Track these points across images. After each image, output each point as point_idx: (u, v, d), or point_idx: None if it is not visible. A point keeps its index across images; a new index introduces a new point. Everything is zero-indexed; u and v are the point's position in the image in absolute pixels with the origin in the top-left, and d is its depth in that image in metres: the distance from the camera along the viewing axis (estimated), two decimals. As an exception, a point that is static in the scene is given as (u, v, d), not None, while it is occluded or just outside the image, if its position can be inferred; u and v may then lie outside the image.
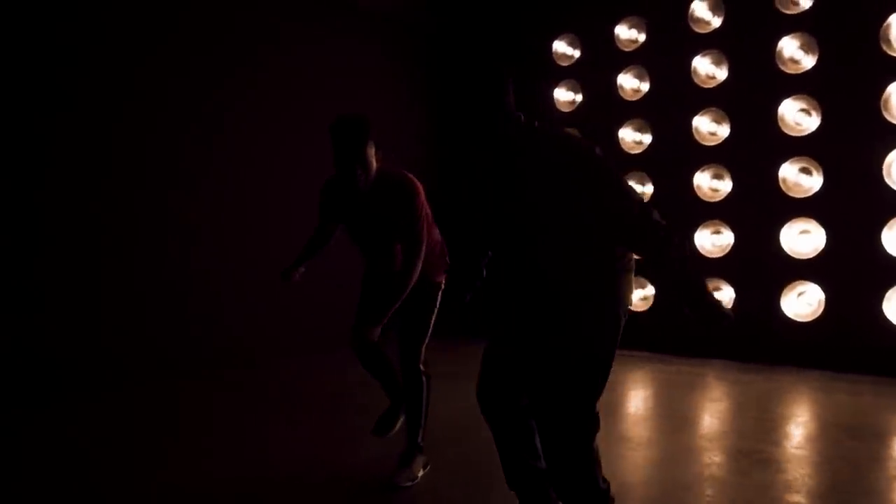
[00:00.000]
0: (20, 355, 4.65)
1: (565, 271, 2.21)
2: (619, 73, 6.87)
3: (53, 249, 4.84)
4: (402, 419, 3.35)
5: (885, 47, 5.48)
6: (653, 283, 6.67)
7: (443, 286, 3.31)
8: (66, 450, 3.75)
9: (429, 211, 3.16)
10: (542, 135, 2.22)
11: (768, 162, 6.00)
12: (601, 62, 7.01)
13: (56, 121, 4.85)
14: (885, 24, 5.48)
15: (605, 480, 2.31)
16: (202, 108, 5.65)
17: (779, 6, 5.95)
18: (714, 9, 6.39)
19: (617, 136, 6.84)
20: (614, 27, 6.89)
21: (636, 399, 5.12)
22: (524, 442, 2.45)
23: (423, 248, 3.05)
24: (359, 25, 6.96)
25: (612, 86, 6.89)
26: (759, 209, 6.07)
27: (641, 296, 6.81)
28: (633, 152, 6.80)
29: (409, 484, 3.20)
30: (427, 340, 3.30)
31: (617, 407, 4.73)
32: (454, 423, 4.02)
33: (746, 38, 6.15)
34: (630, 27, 6.89)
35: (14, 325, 4.63)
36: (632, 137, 6.87)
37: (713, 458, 3.65)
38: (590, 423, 2.24)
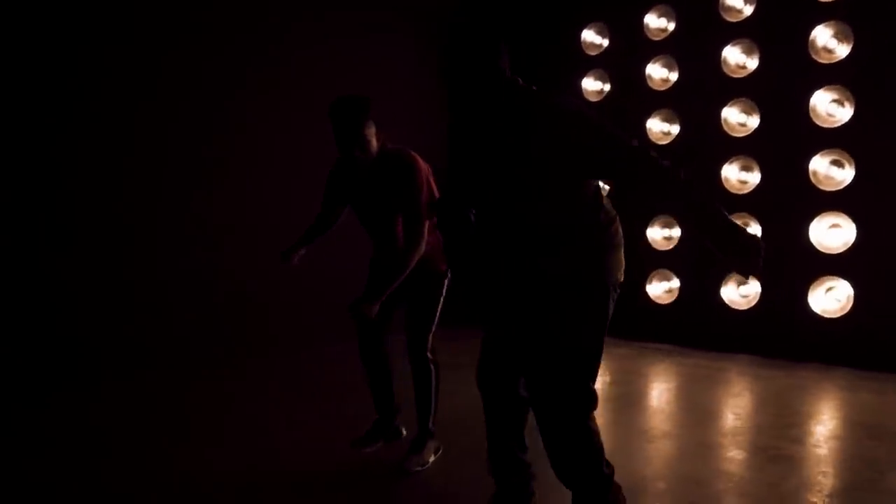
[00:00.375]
0: (47, 344, 4.83)
1: (548, 244, 2.20)
2: (648, 62, 6.78)
3: (81, 247, 5.03)
4: (381, 443, 3.42)
5: (922, 37, 5.32)
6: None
7: (449, 275, 3.31)
8: (82, 437, 3.89)
9: (437, 194, 3.14)
10: (535, 100, 2.17)
11: (799, 154, 5.87)
12: (630, 51, 6.93)
13: (81, 123, 5.03)
14: (923, 13, 5.31)
15: (608, 465, 2.31)
16: (225, 105, 5.73)
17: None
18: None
19: (645, 127, 6.76)
20: (644, 16, 6.80)
21: (657, 392, 5.08)
22: (515, 431, 2.47)
23: (425, 223, 3.04)
24: (386, 18, 6.96)
25: (641, 75, 6.81)
26: (789, 202, 5.94)
27: (666, 288, 6.74)
28: (661, 143, 6.71)
29: (420, 469, 3.24)
30: (434, 329, 3.31)
31: (637, 399, 4.71)
32: (467, 411, 4.05)
33: (778, 26, 6.01)
34: (659, 16, 6.79)
35: (42, 316, 4.81)
36: (660, 128, 6.78)
37: (730, 454, 3.62)
38: (584, 401, 2.21)
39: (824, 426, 4.26)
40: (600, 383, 4.40)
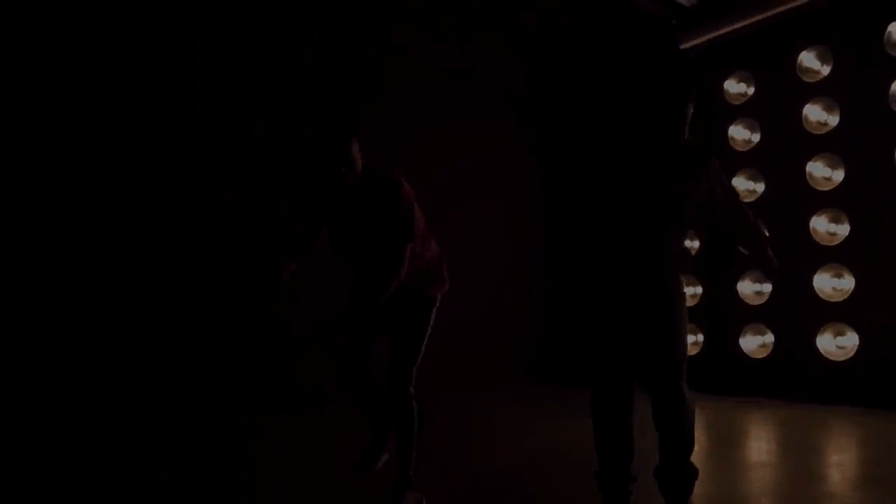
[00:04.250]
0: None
1: (671, 269, 2.79)
2: (730, 124, 7.08)
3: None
4: (386, 456, 3.15)
5: None
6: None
7: (438, 303, 3.12)
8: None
9: (423, 222, 3.04)
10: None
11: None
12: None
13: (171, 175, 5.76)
14: None
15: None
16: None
17: (889, 50, 6.00)
18: (822, 58, 6.51)
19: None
20: (723, 82, 7.16)
21: (758, 435, 5.10)
22: (628, 460, 2.84)
23: (409, 246, 2.87)
24: (485, 95, 7.68)
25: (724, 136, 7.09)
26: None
27: (761, 343, 6.74)
28: (747, 200, 6.88)
29: None
30: (419, 361, 3.02)
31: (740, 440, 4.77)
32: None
33: (855, 82, 6.21)
34: (738, 81, 7.13)
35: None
36: (745, 186, 6.98)
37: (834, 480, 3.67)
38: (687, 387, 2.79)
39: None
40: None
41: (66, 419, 4.88)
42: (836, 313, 6.20)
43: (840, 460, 4.33)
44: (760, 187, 6.88)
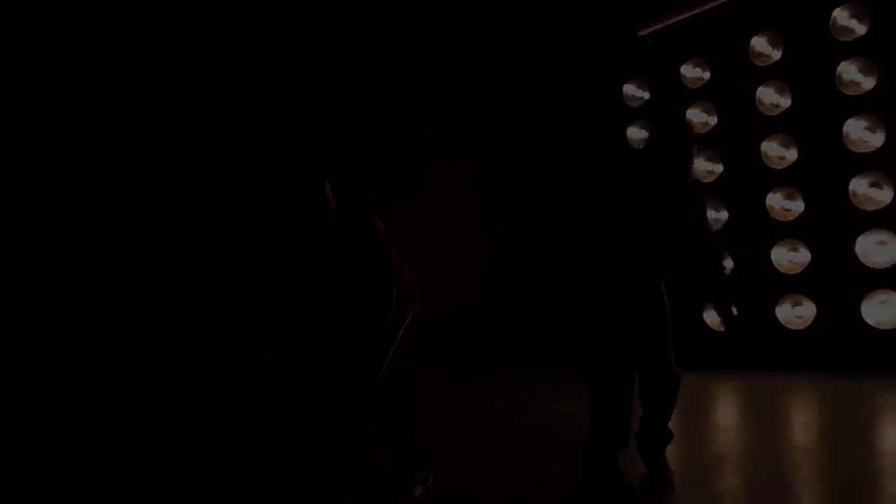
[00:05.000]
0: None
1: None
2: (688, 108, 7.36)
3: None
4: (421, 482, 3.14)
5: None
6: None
7: (407, 320, 3.21)
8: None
9: (394, 253, 3.08)
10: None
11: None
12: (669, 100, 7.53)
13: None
14: None
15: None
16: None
17: (834, 34, 6.33)
18: (773, 43, 6.83)
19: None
20: (680, 67, 7.43)
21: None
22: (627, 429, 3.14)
23: (396, 285, 2.99)
24: (445, 87, 7.82)
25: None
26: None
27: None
28: (706, 181, 7.18)
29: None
30: (382, 374, 3.08)
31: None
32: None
33: (806, 66, 6.54)
34: (695, 66, 7.42)
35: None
36: (704, 167, 7.28)
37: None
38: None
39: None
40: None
41: (52, 415, 4.90)
42: (793, 285, 6.55)
43: (805, 420, 4.63)
44: (719, 168, 7.20)
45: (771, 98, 6.85)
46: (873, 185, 6.15)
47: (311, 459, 3.16)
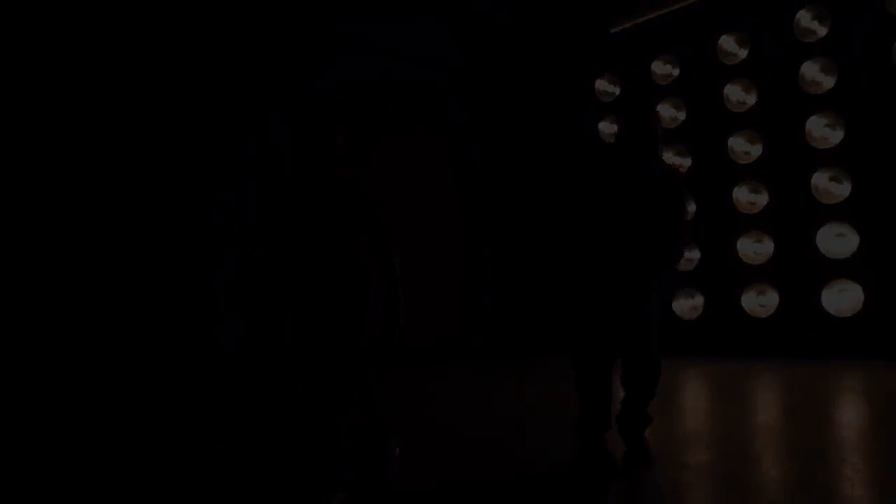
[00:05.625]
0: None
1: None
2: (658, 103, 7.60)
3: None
4: (397, 450, 3.12)
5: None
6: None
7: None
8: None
9: None
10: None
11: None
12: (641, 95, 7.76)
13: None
14: None
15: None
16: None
17: (798, 35, 6.62)
18: (740, 42, 7.09)
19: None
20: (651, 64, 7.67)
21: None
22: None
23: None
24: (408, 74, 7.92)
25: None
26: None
27: (692, 304, 7.34)
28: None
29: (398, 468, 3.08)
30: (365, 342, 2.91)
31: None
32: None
33: (772, 65, 6.82)
34: (665, 63, 7.66)
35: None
36: (673, 161, 7.53)
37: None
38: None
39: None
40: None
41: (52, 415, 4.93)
42: (757, 274, 6.85)
43: (770, 401, 4.90)
44: (687, 162, 7.45)
45: (738, 95, 7.12)
46: (833, 179, 6.46)
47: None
